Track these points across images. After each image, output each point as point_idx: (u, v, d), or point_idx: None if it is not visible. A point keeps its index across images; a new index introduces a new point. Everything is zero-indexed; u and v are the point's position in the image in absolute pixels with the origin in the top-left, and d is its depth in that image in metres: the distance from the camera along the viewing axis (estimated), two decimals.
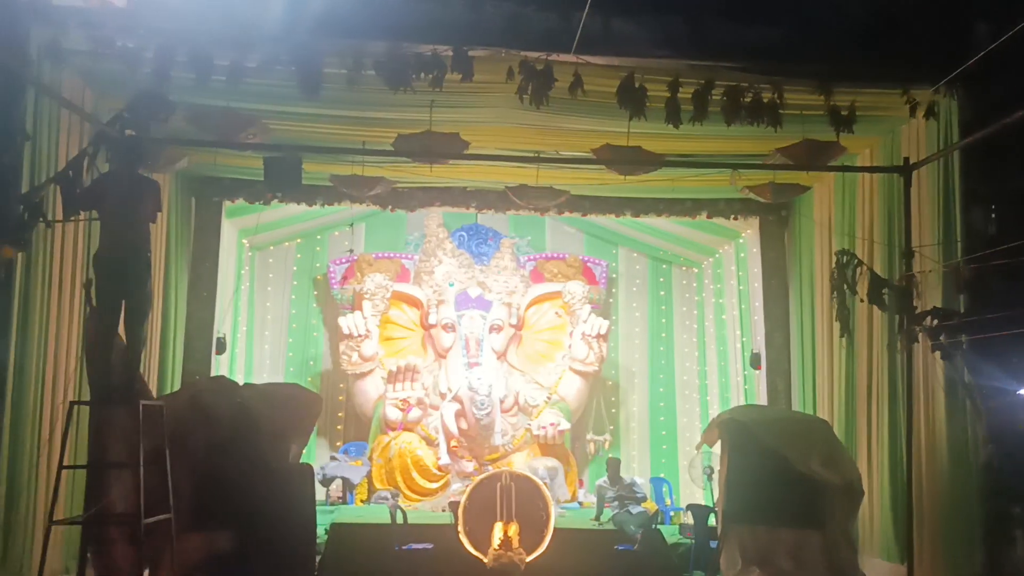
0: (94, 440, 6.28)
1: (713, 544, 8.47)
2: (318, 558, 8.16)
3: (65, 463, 6.04)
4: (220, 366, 11.21)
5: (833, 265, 8.32)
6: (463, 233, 12.86)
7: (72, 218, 6.76)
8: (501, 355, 12.40)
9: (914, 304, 7.75)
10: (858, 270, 8.05)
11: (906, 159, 8.20)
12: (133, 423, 5.87)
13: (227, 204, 11.11)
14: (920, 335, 7.76)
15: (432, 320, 12.40)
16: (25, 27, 6.79)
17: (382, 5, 7.30)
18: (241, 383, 8.45)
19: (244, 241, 12.39)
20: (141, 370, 6.64)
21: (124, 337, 6.17)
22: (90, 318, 6.35)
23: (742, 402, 11.79)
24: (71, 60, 7.21)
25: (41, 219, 6.61)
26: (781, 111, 7.77)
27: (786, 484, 7.79)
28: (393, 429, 11.93)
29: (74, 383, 7.57)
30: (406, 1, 7.38)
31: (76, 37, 7.01)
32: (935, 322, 7.55)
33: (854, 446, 9.22)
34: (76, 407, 6.17)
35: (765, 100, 7.74)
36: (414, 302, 12.52)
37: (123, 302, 5.99)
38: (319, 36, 7.31)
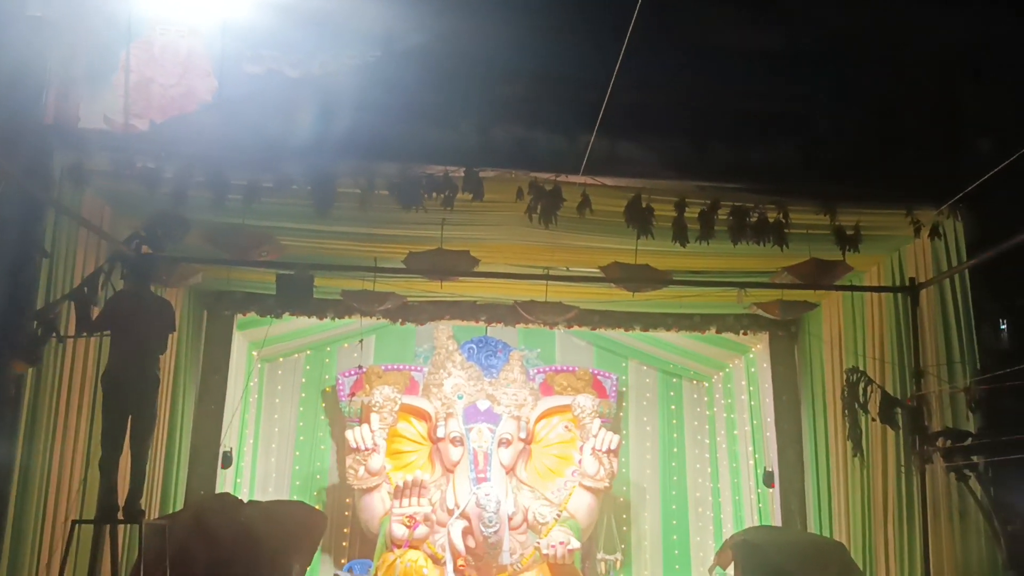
0: (94, 559, 6.17)
1: None
2: None
3: None
4: (225, 480, 11.07)
5: (844, 383, 8.26)
6: (473, 345, 12.84)
7: (84, 335, 6.80)
8: (510, 470, 12.21)
9: (926, 424, 7.66)
10: (869, 388, 7.99)
11: (912, 279, 8.23)
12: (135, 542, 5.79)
13: (239, 317, 11.18)
14: (935, 456, 7.64)
15: (440, 433, 12.25)
16: (49, 150, 6.99)
17: (396, 130, 7.51)
18: (246, 498, 8.34)
19: (254, 353, 12.42)
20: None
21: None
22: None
23: (756, 521, 11.53)
24: (92, 180, 7.38)
25: (54, 335, 6.67)
26: (787, 230, 7.86)
27: None
28: (399, 547, 11.65)
29: (76, 501, 7.48)
30: (419, 126, 7.59)
31: (99, 159, 7.22)
32: (948, 443, 7.44)
33: (871, 570, 8.96)
34: (78, 526, 6.09)
35: (770, 220, 7.83)
36: (423, 415, 12.41)
37: (129, 420, 6.00)
38: (334, 157, 7.50)
